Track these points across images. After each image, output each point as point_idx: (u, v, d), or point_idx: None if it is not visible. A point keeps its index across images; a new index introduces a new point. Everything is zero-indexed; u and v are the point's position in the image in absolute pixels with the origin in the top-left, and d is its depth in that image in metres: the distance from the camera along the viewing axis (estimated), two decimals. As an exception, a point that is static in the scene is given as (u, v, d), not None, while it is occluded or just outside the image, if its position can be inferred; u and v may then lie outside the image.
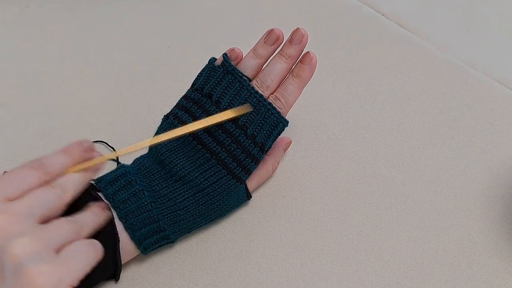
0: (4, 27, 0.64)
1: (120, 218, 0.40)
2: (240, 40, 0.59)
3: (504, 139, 0.51)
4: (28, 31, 0.64)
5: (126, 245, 0.41)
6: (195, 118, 0.43)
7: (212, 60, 0.45)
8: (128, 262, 0.42)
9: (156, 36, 0.63)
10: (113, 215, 0.40)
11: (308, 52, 0.44)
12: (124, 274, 0.42)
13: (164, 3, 0.67)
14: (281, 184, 0.48)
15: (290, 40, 0.44)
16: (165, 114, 0.45)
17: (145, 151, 0.45)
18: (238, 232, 0.45)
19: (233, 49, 0.44)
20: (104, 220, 0.37)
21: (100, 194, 0.41)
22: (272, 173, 0.48)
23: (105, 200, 0.40)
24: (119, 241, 0.40)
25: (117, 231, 0.40)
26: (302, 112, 0.53)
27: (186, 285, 0.42)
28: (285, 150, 0.49)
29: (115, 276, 0.41)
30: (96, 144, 0.51)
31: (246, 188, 0.45)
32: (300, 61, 0.44)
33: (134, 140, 0.51)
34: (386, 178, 0.48)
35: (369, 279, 0.42)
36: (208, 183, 0.42)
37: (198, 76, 0.45)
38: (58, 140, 0.52)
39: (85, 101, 0.56)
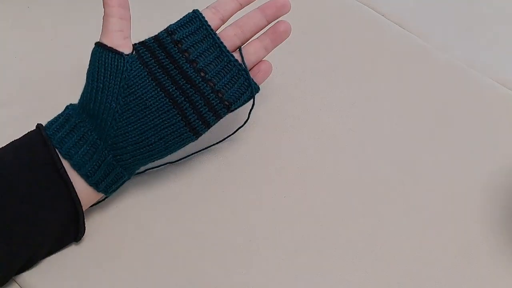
0: (4, 27, 0.64)
1: (63, 156, 0.42)
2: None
3: (504, 139, 0.51)
4: (28, 31, 0.64)
5: (78, 185, 0.42)
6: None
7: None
8: (122, 260, 0.42)
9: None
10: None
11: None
12: (116, 270, 0.42)
13: (164, 3, 0.67)
14: (281, 184, 0.48)
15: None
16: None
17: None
18: (238, 232, 0.45)
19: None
20: None
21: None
22: None
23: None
24: (80, 205, 0.42)
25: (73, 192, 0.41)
26: (302, 112, 0.53)
27: (185, 285, 0.42)
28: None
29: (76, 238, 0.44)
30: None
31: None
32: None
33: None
34: (386, 178, 0.48)
35: (369, 279, 0.42)
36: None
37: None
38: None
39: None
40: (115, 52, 0.43)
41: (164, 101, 0.43)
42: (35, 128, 0.44)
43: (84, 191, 0.42)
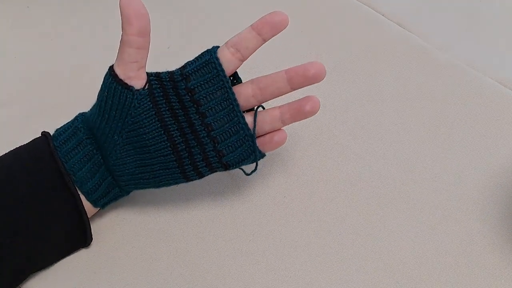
0: (4, 27, 0.64)
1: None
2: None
3: (504, 139, 0.51)
4: (28, 31, 0.64)
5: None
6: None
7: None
8: (123, 261, 0.42)
9: (156, 36, 0.63)
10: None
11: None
12: (118, 272, 0.42)
13: (164, 3, 0.67)
14: (281, 184, 0.48)
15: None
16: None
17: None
18: (238, 232, 0.45)
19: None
20: None
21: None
22: None
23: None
24: (85, 211, 0.42)
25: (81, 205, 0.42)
26: (302, 112, 0.53)
27: (185, 285, 0.42)
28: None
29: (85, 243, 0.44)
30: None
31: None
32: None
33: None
34: (386, 178, 0.48)
35: (369, 278, 0.42)
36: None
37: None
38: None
39: (85, 102, 0.55)
40: (125, 87, 0.40)
41: (165, 145, 0.42)
42: (41, 135, 0.44)
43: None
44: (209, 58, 0.41)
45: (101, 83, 0.42)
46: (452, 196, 0.47)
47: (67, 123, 0.44)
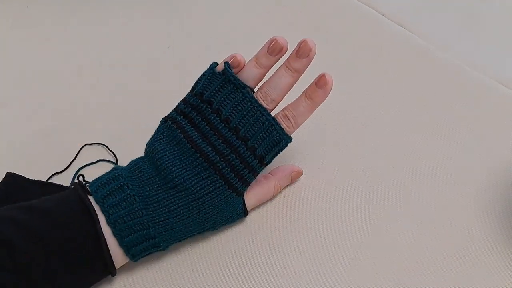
0: (4, 27, 0.64)
1: (108, 223, 0.39)
2: (240, 40, 0.59)
3: (504, 139, 0.51)
4: (28, 31, 0.64)
5: (114, 251, 0.39)
6: (194, 125, 0.42)
7: (214, 65, 0.43)
8: (125, 264, 0.42)
9: (156, 36, 0.63)
10: (98, 219, 0.39)
11: (323, 75, 0.43)
12: (120, 276, 0.42)
13: (164, 3, 0.67)
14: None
15: (297, 53, 0.42)
16: (163, 116, 0.44)
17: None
18: (238, 232, 0.45)
19: (234, 56, 0.42)
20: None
21: (90, 197, 0.40)
22: (274, 195, 0.47)
23: (95, 204, 0.39)
24: (105, 241, 0.39)
25: (101, 232, 0.38)
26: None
27: (186, 285, 0.42)
28: (292, 179, 0.48)
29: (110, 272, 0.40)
30: (96, 146, 0.51)
31: (244, 205, 0.44)
32: (315, 83, 0.43)
33: (133, 141, 0.51)
34: (386, 177, 0.48)
35: (369, 278, 0.42)
36: (204, 192, 0.41)
37: (198, 80, 0.44)
38: (58, 140, 0.52)
39: (85, 101, 0.56)
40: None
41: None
42: (78, 192, 0.40)
43: (119, 259, 0.40)
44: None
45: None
46: (452, 196, 0.47)
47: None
